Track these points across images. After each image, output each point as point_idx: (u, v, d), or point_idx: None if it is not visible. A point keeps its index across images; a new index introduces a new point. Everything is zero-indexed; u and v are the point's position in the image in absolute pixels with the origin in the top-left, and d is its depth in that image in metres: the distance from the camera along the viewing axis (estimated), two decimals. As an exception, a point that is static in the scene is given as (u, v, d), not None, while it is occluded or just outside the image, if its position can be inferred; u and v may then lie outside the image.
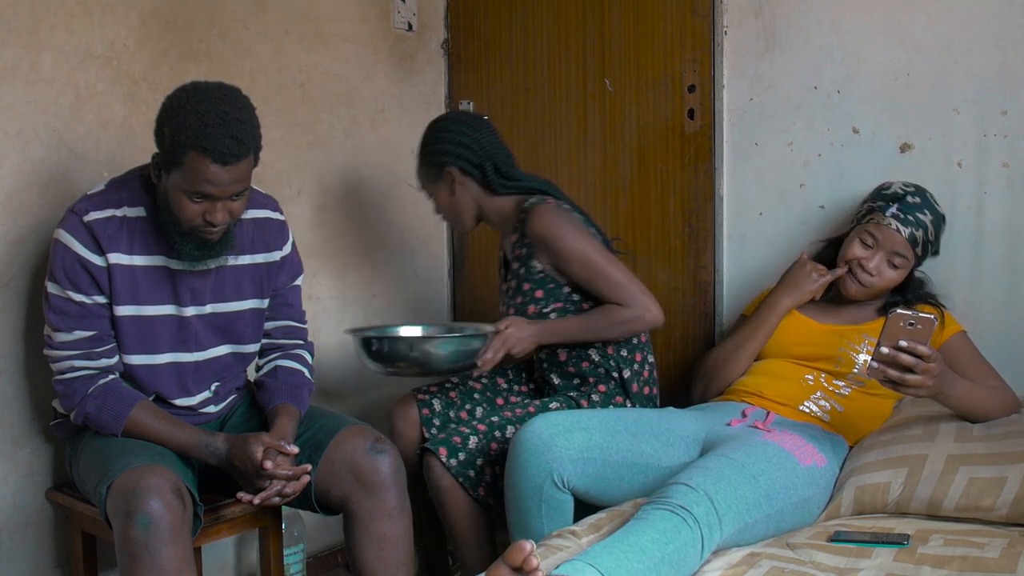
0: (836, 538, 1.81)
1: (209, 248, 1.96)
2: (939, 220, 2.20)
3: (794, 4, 2.50)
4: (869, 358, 1.80)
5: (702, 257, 2.68)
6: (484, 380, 2.53)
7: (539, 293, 2.37)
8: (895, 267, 2.18)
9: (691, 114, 2.66)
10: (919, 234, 2.15)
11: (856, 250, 2.19)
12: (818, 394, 2.18)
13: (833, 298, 2.31)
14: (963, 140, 2.31)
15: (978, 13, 2.27)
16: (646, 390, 2.41)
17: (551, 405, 2.35)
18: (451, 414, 2.45)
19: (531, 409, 2.33)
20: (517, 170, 2.45)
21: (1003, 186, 2.28)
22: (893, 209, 2.16)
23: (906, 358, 1.79)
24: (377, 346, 2.31)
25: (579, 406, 2.35)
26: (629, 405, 2.37)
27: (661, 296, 2.74)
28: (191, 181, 1.84)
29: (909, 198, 2.17)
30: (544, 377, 2.48)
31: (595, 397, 2.37)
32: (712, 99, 2.63)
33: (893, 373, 1.80)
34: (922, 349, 1.78)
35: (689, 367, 2.47)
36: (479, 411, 2.48)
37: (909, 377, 1.80)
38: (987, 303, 2.30)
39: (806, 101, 2.51)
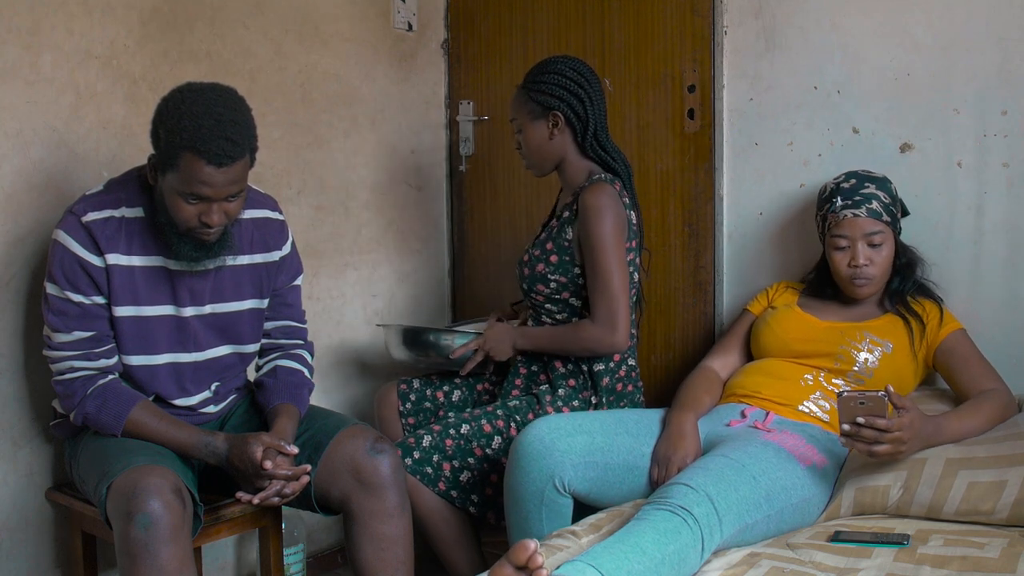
0: (836, 538, 1.82)
1: (207, 249, 1.96)
2: (883, 183, 2.21)
3: (794, 4, 2.50)
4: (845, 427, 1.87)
5: (702, 257, 2.68)
6: None
7: (554, 258, 2.37)
8: (877, 245, 2.18)
9: (691, 114, 2.66)
10: (875, 205, 2.17)
11: (842, 264, 2.20)
12: (817, 394, 2.18)
13: (834, 295, 2.31)
14: (963, 140, 2.31)
15: (978, 13, 2.27)
16: (619, 387, 2.40)
17: (511, 404, 2.36)
18: (428, 392, 2.51)
19: (489, 409, 2.34)
20: (609, 140, 2.43)
21: (1003, 186, 2.28)
22: (839, 202, 2.19)
23: (868, 432, 1.83)
24: (410, 336, 2.51)
25: (539, 402, 2.35)
26: (595, 400, 2.37)
27: (661, 296, 2.75)
28: (186, 183, 1.84)
29: (844, 184, 2.21)
30: (517, 363, 2.48)
31: (561, 391, 2.37)
32: (712, 99, 2.62)
33: (861, 447, 1.85)
34: (880, 422, 1.82)
35: (689, 367, 2.47)
36: (456, 394, 2.52)
37: (876, 448, 1.84)
38: (987, 303, 2.30)
39: (806, 101, 2.51)
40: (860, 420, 1.83)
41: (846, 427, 1.84)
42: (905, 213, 2.28)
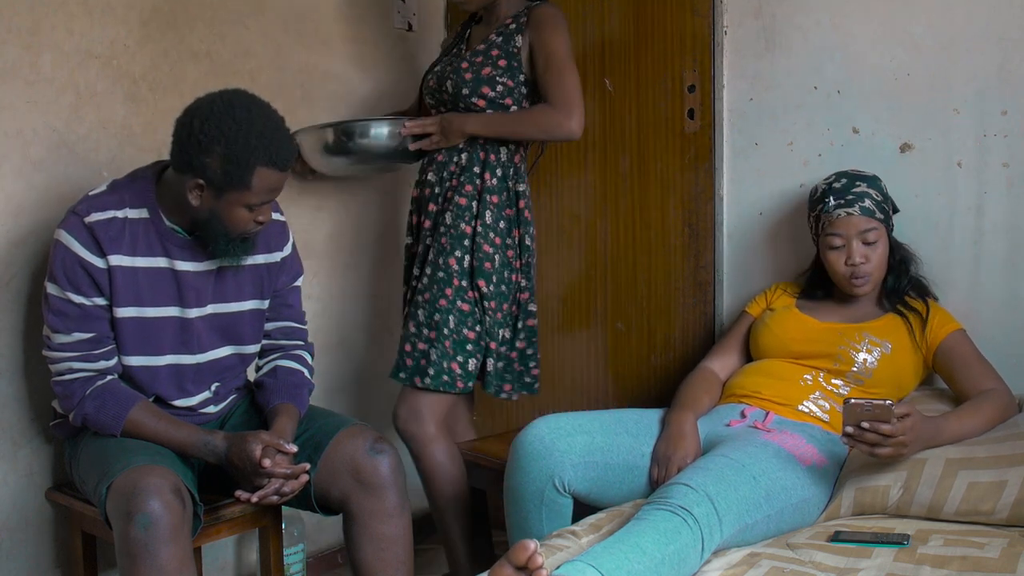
0: (836, 538, 1.82)
1: (250, 242, 2.02)
2: (873, 181, 2.23)
3: (794, 4, 2.50)
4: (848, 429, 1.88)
5: (702, 257, 2.68)
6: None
7: (503, 62, 2.41)
8: (871, 243, 2.20)
9: (691, 114, 2.66)
10: (867, 203, 2.18)
11: (838, 263, 2.21)
12: (817, 394, 2.18)
13: (828, 296, 2.31)
14: (963, 140, 2.31)
15: (978, 13, 2.27)
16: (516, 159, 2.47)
17: (458, 253, 2.38)
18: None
19: (456, 283, 2.37)
20: None
21: (1003, 186, 2.28)
22: (831, 202, 2.21)
23: (871, 436, 1.84)
24: (337, 134, 2.43)
25: (472, 240, 2.39)
26: (510, 186, 2.43)
27: (661, 296, 2.75)
28: (259, 194, 1.89)
29: (835, 184, 2.23)
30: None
31: (488, 216, 2.41)
32: (712, 99, 2.62)
33: (864, 448, 1.87)
34: (885, 428, 1.83)
35: (689, 367, 2.47)
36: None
37: (879, 451, 1.85)
38: (987, 303, 2.30)
39: (806, 101, 2.51)
40: (865, 425, 1.84)
41: (849, 429, 1.85)
42: (895, 210, 2.29)
